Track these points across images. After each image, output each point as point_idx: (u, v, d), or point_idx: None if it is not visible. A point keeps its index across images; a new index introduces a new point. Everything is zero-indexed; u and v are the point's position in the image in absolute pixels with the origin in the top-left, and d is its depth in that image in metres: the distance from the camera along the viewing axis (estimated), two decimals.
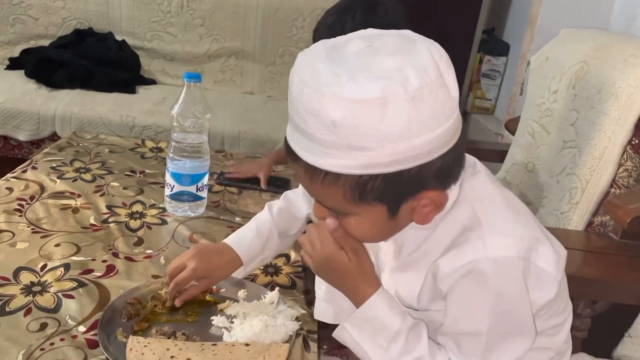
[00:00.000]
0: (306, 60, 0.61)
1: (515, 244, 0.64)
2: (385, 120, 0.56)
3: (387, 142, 0.57)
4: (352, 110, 0.56)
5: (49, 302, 0.90)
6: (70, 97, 2.24)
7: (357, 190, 0.61)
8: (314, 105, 0.58)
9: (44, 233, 1.10)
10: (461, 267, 0.64)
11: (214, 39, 2.57)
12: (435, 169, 0.61)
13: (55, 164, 1.43)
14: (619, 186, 1.18)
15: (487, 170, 0.73)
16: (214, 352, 0.78)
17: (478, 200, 0.67)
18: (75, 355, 0.79)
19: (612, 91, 1.21)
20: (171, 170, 1.22)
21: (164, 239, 1.15)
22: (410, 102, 0.56)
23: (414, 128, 0.57)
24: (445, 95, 0.59)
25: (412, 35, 0.62)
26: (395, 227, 0.68)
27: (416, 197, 0.63)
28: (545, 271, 0.66)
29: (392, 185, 0.60)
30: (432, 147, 0.59)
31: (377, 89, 0.56)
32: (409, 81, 0.56)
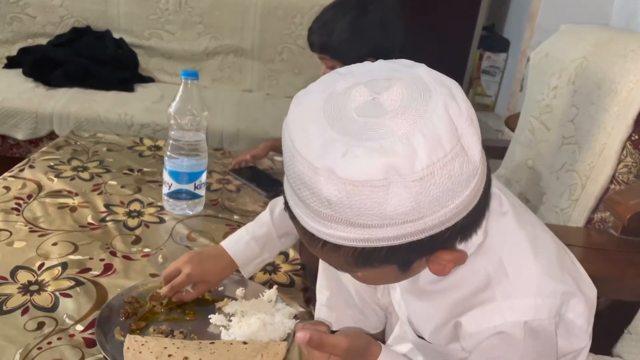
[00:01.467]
0: (299, 117, 0.53)
1: (546, 304, 0.59)
2: (388, 204, 0.49)
3: (391, 223, 0.50)
4: (350, 191, 0.48)
5: (46, 301, 0.90)
6: (68, 96, 2.23)
7: (361, 259, 0.54)
8: (306, 179, 0.51)
9: (41, 232, 1.10)
10: (487, 330, 0.59)
11: (212, 36, 2.56)
12: (450, 234, 0.54)
13: (53, 162, 1.43)
14: (619, 182, 1.17)
15: (513, 204, 0.65)
16: (212, 351, 0.78)
17: (505, 248, 0.61)
18: (73, 354, 0.79)
19: (611, 87, 1.21)
20: (169, 168, 1.21)
21: (162, 237, 1.14)
22: (418, 183, 0.48)
23: (422, 209, 0.50)
24: (463, 163, 0.50)
25: (428, 82, 0.52)
26: (412, 274, 0.63)
27: (429, 257, 0.58)
28: (576, 325, 0.62)
29: (400, 253, 0.53)
30: (445, 219, 0.52)
31: (377, 168, 0.48)
32: (418, 157, 0.48)
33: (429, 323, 0.67)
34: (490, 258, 0.61)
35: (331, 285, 0.90)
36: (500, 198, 0.64)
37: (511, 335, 0.59)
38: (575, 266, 0.67)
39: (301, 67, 2.57)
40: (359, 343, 0.70)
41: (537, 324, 0.58)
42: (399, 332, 0.84)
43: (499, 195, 0.64)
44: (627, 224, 1.08)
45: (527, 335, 0.58)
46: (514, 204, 0.66)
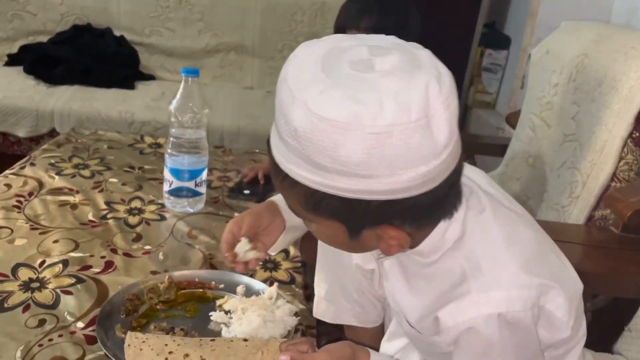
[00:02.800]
0: (300, 56, 0.57)
1: (519, 297, 0.60)
2: (343, 148, 0.52)
3: (341, 169, 0.53)
4: (314, 125, 0.52)
5: (47, 298, 0.90)
6: (69, 93, 2.23)
7: (312, 203, 0.58)
8: (284, 106, 0.55)
9: (42, 229, 1.10)
10: (463, 323, 0.61)
11: (213, 33, 2.56)
12: (401, 209, 0.56)
13: (54, 160, 1.43)
14: (620, 180, 1.17)
15: (493, 202, 0.67)
16: (212, 348, 0.78)
17: (481, 244, 0.63)
18: (74, 352, 0.79)
19: (612, 84, 1.20)
20: (169, 166, 1.21)
21: (163, 235, 1.15)
22: (375, 136, 0.51)
23: (373, 166, 0.52)
24: (425, 138, 0.52)
25: (423, 61, 0.55)
26: (363, 247, 0.64)
27: (377, 228, 0.59)
28: (556, 316, 0.63)
29: (349, 210, 0.56)
30: (396, 188, 0.54)
31: (344, 112, 0.51)
32: (382, 113, 0.51)
33: (415, 313, 0.68)
34: (466, 253, 0.62)
35: (329, 279, 0.90)
36: (479, 195, 0.66)
37: (487, 329, 0.60)
38: (560, 260, 0.68)
39: None
40: (342, 354, 0.71)
41: (511, 316, 0.60)
42: (394, 327, 0.84)
43: (478, 192, 0.66)
44: (627, 221, 1.08)
45: (502, 327, 0.60)
46: (498, 200, 0.68)
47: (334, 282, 0.90)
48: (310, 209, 0.59)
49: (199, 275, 0.99)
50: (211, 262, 1.06)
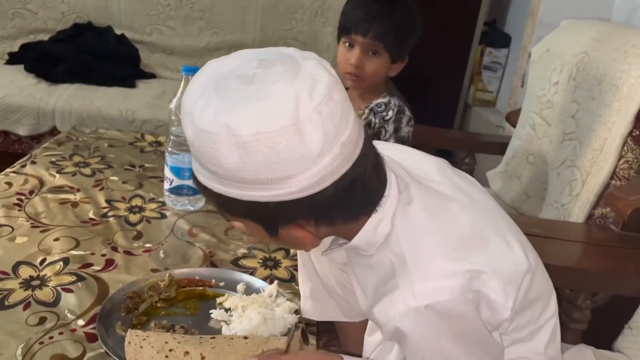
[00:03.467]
0: (203, 72, 0.62)
1: (446, 286, 0.61)
2: (220, 155, 0.57)
3: (228, 174, 0.58)
4: (197, 136, 0.58)
5: (48, 296, 0.90)
6: (69, 92, 2.24)
7: (222, 206, 0.63)
8: (183, 121, 0.61)
9: (43, 227, 1.10)
10: (393, 318, 0.62)
11: (213, 32, 2.56)
12: (298, 209, 0.60)
13: (55, 158, 1.43)
14: (620, 178, 1.17)
15: (425, 193, 0.68)
16: (213, 345, 0.78)
17: (407, 237, 0.64)
18: (74, 349, 0.79)
19: (612, 82, 1.21)
20: (170, 164, 1.22)
21: (164, 232, 1.15)
22: (242, 146, 0.56)
23: (249, 171, 0.57)
24: (294, 145, 0.56)
25: (303, 71, 0.58)
26: (290, 243, 0.68)
27: (287, 227, 0.63)
28: (492, 299, 0.63)
29: (254, 212, 0.61)
30: (281, 192, 0.58)
31: (218, 123, 0.56)
32: (248, 123, 0.55)
33: (364, 306, 0.71)
34: (394, 248, 0.65)
35: (312, 277, 0.91)
36: (410, 189, 0.67)
37: (418, 322, 0.61)
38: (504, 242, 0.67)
39: None
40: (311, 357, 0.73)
41: (440, 306, 0.61)
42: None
43: (410, 185, 0.67)
44: (627, 219, 1.08)
45: (433, 318, 0.61)
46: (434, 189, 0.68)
47: (316, 279, 0.90)
48: (224, 211, 0.64)
49: (200, 273, 0.99)
50: (211, 260, 1.07)
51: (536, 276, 0.69)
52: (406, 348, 0.65)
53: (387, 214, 0.65)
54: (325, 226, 0.65)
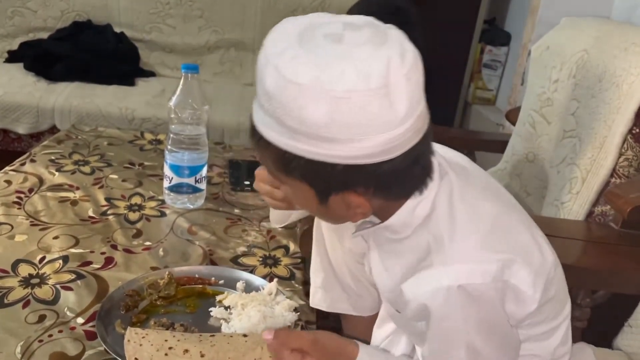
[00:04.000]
0: (282, 26, 0.61)
1: (479, 270, 0.62)
2: (307, 110, 0.56)
3: (307, 130, 0.57)
4: (281, 87, 0.56)
5: (47, 294, 0.90)
6: (69, 90, 2.23)
7: (283, 164, 0.61)
8: (260, 70, 0.59)
9: (42, 225, 1.10)
10: (423, 294, 0.63)
11: (213, 30, 2.55)
12: (363, 176, 0.60)
13: (54, 156, 1.43)
14: (620, 175, 1.17)
15: (463, 182, 0.69)
16: (212, 343, 0.78)
17: (446, 221, 0.65)
18: (74, 347, 0.79)
19: (612, 80, 1.20)
20: (169, 162, 1.21)
21: (163, 231, 1.15)
22: (335, 100, 0.55)
23: (333, 128, 0.56)
24: (383, 108, 0.56)
25: (391, 37, 0.59)
26: (333, 214, 0.66)
27: (342, 194, 0.62)
28: (521, 290, 0.64)
29: (315, 173, 0.60)
30: (356, 154, 0.57)
31: (308, 76, 0.55)
32: (343, 79, 0.55)
33: (386, 288, 0.70)
34: (432, 229, 0.65)
35: (325, 267, 0.91)
36: (451, 176, 0.68)
37: (448, 302, 0.61)
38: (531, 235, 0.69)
39: None
40: (329, 340, 0.72)
41: (471, 288, 0.61)
42: (383, 311, 0.86)
43: (450, 173, 0.68)
44: (627, 217, 1.08)
45: (463, 299, 0.61)
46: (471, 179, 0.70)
47: (329, 270, 0.90)
48: (282, 170, 0.62)
49: (199, 271, 0.99)
50: (211, 258, 1.07)
51: (557, 272, 0.71)
52: (428, 330, 0.65)
53: (426, 197, 0.65)
54: (379, 199, 0.63)
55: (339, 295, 0.91)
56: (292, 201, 0.70)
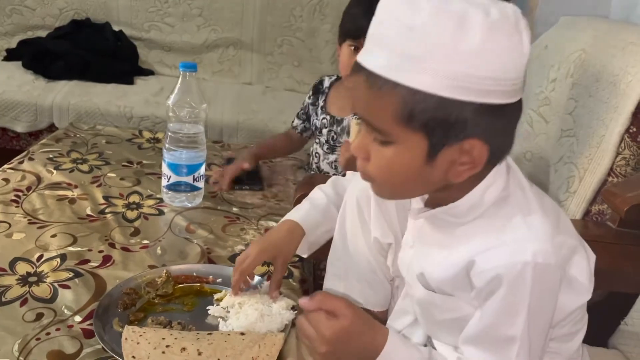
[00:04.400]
0: None
1: (555, 252, 0.63)
2: (459, 38, 0.56)
3: (454, 61, 0.57)
4: (432, 18, 0.57)
5: (45, 292, 0.90)
6: (67, 88, 2.23)
7: (409, 108, 0.59)
8: (399, 6, 0.59)
9: (40, 224, 1.10)
10: (498, 267, 0.63)
11: (212, 29, 2.55)
12: (487, 121, 0.60)
13: (52, 155, 1.43)
14: (617, 175, 1.17)
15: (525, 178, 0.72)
16: (210, 342, 0.78)
17: (521, 203, 0.66)
18: (71, 345, 0.79)
19: (610, 79, 1.20)
20: (167, 160, 1.22)
21: (161, 229, 1.15)
22: (487, 30, 0.57)
23: (482, 57, 0.57)
24: (518, 44, 0.59)
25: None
26: (429, 178, 0.64)
27: (459, 144, 0.61)
28: (578, 280, 0.67)
29: (443, 115, 0.59)
30: (493, 89, 0.58)
31: (459, 6, 0.57)
32: (490, 13, 0.57)
33: (444, 270, 0.69)
34: (507, 212, 0.66)
35: (344, 256, 0.90)
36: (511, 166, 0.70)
37: (520, 277, 0.62)
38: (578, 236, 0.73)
39: (301, 59, 2.57)
40: (362, 312, 0.72)
41: (544, 268, 0.62)
42: (401, 304, 0.86)
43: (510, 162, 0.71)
44: (624, 216, 1.08)
45: (535, 276, 0.62)
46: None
47: (348, 260, 0.90)
48: (402, 119, 0.60)
49: (197, 270, 0.99)
50: (209, 257, 1.07)
51: None
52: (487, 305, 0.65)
53: (495, 183, 0.66)
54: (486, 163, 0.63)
55: (352, 285, 0.91)
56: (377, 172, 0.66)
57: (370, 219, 0.86)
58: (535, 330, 0.65)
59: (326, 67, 2.49)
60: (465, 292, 0.67)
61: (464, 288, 0.67)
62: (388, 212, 0.84)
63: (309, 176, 1.44)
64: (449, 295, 0.70)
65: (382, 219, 0.85)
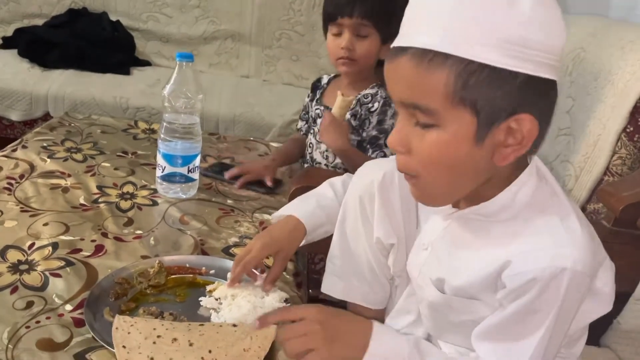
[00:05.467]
0: None
1: (590, 261, 0.62)
2: (510, 4, 0.56)
3: (507, 27, 0.57)
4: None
5: (35, 280, 0.89)
6: (63, 78, 2.21)
7: (462, 80, 0.58)
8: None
9: (32, 212, 1.09)
10: (535, 270, 0.61)
11: (210, 20, 2.54)
12: (535, 97, 0.59)
13: (46, 143, 1.42)
14: (613, 174, 1.17)
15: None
16: (201, 333, 0.78)
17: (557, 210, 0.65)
18: (61, 334, 0.79)
19: (608, 78, 1.20)
20: (162, 151, 1.21)
21: (155, 219, 1.14)
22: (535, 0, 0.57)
23: (532, 24, 0.57)
24: (561, 19, 0.60)
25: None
26: (474, 167, 0.63)
27: (507, 121, 0.60)
28: (603, 292, 0.68)
29: (494, 88, 0.58)
30: (542, 61, 0.58)
31: None
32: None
33: (474, 272, 0.67)
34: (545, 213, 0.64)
35: (344, 254, 0.90)
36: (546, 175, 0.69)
37: (556, 281, 0.60)
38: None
39: (299, 53, 2.55)
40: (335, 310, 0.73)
41: (582, 277, 0.61)
42: (403, 304, 0.85)
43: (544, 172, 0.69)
44: (619, 215, 1.08)
45: (570, 285, 0.61)
46: None
47: (347, 259, 0.90)
48: (453, 94, 0.58)
49: (190, 261, 0.98)
50: (202, 248, 1.06)
51: None
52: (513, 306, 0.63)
53: (527, 183, 0.66)
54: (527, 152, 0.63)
55: (352, 285, 0.90)
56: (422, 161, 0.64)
57: (373, 218, 0.84)
58: (555, 336, 0.64)
59: (325, 62, 2.47)
60: (491, 293, 0.66)
61: (491, 289, 0.66)
62: (393, 213, 0.83)
63: (305, 170, 1.43)
64: (469, 297, 0.69)
65: (387, 219, 0.83)
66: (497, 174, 0.65)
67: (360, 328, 0.72)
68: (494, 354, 0.66)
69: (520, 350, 0.64)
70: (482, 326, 0.67)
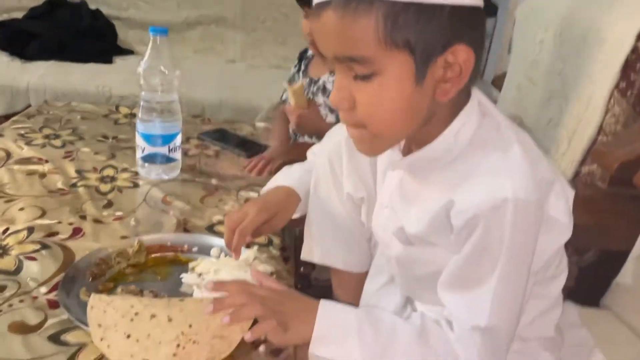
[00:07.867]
0: None
1: (535, 189, 0.60)
2: None
3: None
4: None
5: (9, 264, 0.86)
6: (44, 69, 2.17)
7: (390, 22, 0.56)
8: None
9: (7, 197, 1.05)
10: (477, 205, 0.59)
11: (192, 5, 2.49)
12: (464, 26, 0.58)
13: (24, 131, 1.38)
14: (607, 133, 1.13)
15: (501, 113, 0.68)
16: (181, 308, 0.74)
17: (498, 138, 0.63)
18: (35, 316, 0.75)
19: (598, 35, 1.16)
20: (141, 131, 1.17)
21: (136, 201, 1.10)
22: None
23: None
24: None
25: None
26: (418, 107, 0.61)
27: (444, 55, 0.58)
28: (557, 220, 0.64)
29: (424, 23, 0.56)
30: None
31: None
32: None
33: (424, 214, 0.66)
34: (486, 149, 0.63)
35: (319, 218, 0.87)
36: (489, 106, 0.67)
37: (501, 213, 0.58)
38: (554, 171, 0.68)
39: (285, 35, 2.51)
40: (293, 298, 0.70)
41: (526, 205, 0.59)
42: (376, 262, 0.84)
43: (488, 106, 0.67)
44: (615, 174, 1.04)
45: (516, 215, 0.58)
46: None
47: (323, 221, 0.87)
48: (384, 38, 0.57)
49: (171, 239, 0.95)
50: (185, 227, 1.02)
51: None
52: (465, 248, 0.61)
53: (468, 123, 0.63)
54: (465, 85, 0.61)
55: (330, 248, 0.88)
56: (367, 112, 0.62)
57: (342, 174, 0.83)
58: (515, 273, 0.61)
59: None
60: (445, 237, 0.64)
61: (444, 232, 0.63)
62: (360, 166, 0.82)
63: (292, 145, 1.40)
64: (428, 244, 0.67)
65: (354, 173, 0.82)
66: (438, 113, 0.63)
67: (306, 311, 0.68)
68: (458, 304, 0.63)
69: (482, 295, 0.61)
70: (444, 276, 0.64)
